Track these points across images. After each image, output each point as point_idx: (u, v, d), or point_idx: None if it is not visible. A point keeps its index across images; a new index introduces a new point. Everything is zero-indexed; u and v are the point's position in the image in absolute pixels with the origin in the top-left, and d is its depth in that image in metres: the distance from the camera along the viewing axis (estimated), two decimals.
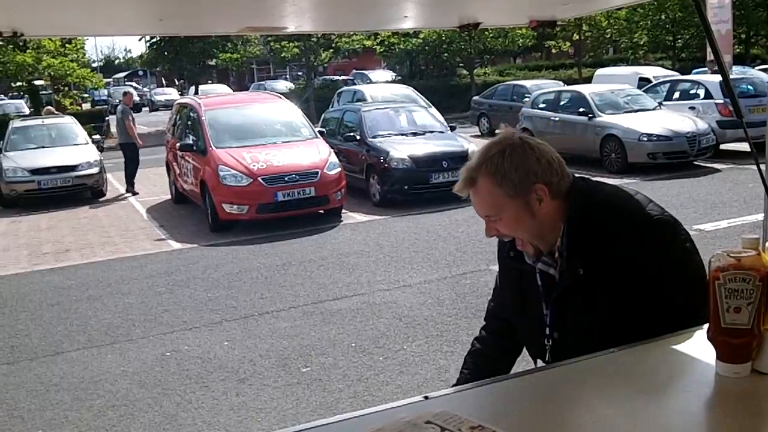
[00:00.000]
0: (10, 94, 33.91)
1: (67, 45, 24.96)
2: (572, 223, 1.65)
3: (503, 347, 1.99)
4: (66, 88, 28.48)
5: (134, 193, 13.68)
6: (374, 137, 11.70)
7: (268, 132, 11.19)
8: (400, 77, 32.53)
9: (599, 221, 1.63)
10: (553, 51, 34.86)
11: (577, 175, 1.73)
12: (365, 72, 36.05)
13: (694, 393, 1.37)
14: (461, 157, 11.21)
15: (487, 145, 1.69)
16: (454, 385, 1.80)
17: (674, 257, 1.63)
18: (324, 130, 12.41)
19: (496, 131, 19.37)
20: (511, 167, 1.61)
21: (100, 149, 15.44)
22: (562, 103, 14.65)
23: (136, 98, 45.96)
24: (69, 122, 15.62)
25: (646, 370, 1.42)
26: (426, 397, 1.38)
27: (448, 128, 12.49)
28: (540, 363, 1.77)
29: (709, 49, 16.66)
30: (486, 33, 27.92)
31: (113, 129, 16.61)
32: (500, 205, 1.64)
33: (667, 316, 1.58)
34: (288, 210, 9.98)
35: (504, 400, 1.42)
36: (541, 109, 15.02)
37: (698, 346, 1.44)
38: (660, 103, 14.06)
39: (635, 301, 1.59)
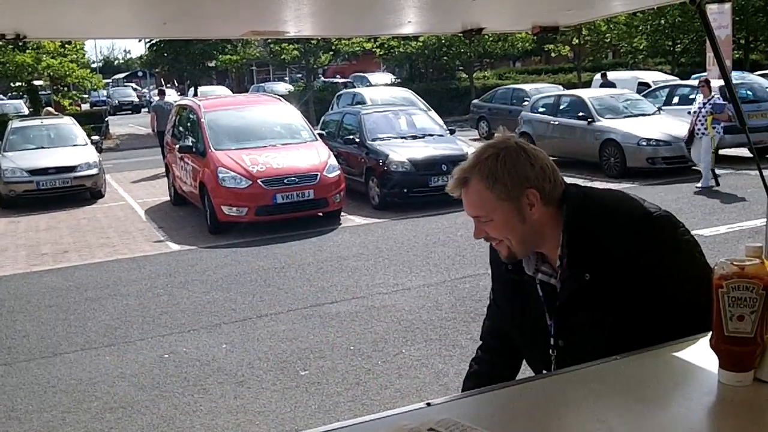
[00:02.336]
0: (10, 94, 33.89)
1: (66, 45, 24.94)
2: (571, 229, 1.64)
3: (503, 365, 1.97)
4: (65, 89, 28.46)
5: None
6: (374, 140, 11.70)
7: (267, 134, 11.19)
8: (399, 80, 32.59)
9: (598, 224, 1.63)
10: (553, 55, 34.90)
11: (570, 181, 1.73)
12: (365, 75, 36.06)
13: (697, 401, 1.37)
14: (460, 160, 11.01)
15: (482, 147, 1.70)
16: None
17: (677, 251, 1.62)
18: (323, 132, 12.43)
19: (495, 134, 19.42)
20: (504, 171, 1.62)
21: (99, 150, 15.44)
22: (561, 107, 14.67)
23: (135, 99, 46.25)
24: (68, 123, 15.62)
25: (649, 378, 1.42)
26: (428, 404, 1.38)
27: (448, 131, 12.51)
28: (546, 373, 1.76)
29: (709, 55, 16.68)
30: (486, 37, 27.92)
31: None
32: (491, 208, 1.65)
33: (673, 313, 1.57)
34: (287, 212, 9.98)
35: (506, 408, 1.42)
36: (541, 113, 15.03)
37: (701, 354, 1.43)
38: (659, 108, 14.09)
39: (642, 300, 1.59)
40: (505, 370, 1.95)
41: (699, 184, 10.91)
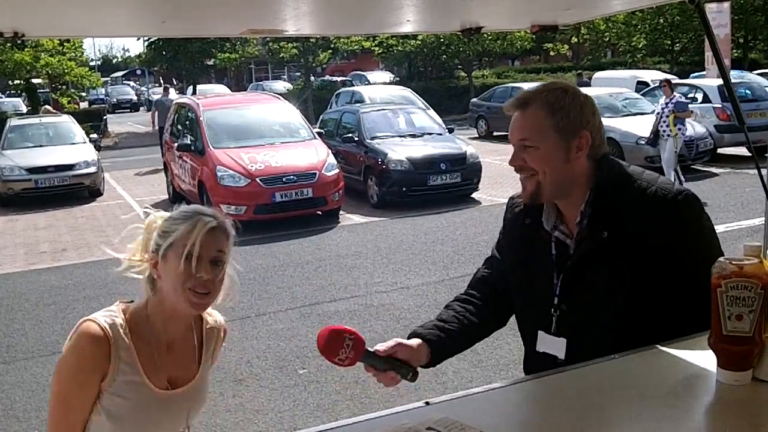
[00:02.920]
0: (8, 92, 33.88)
1: (65, 44, 24.92)
2: (600, 189, 1.64)
3: (491, 314, 1.87)
4: (64, 87, 28.46)
5: None
6: (372, 139, 11.70)
7: (266, 133, 11.18)
8: (398, 79, 32.57)
9: (627, 192, 1.64)
10: (552, 54, 34.93)
11: None
12: (364, 73, 36.02)
13: (696, 400, 1.37)
14: (459, 159, 11.23)
15: (550, 81, 1.73)
16: (413, 335, 1.77)
17: (700, 233, 1.63)
18: (322, 131, 12.42)
19: (495, 133, 19.42)
20: (570, 105, 1.63)
21: (98, 148, 15.42)
22: None
23: (134, 97, 46.21)
24: (66, 121, 15.60)
25: (648, 377, 1.42)
26: (427, 403, 1.38)
27: (447, 130, 12.50)
28: (542, 334, 1.72)
29: (708, 54, 16.69)
30: (485, 35, 27.93)
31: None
32: (543, 135, 1.63)
33: (684, 292, 1.56)
34: (286, 211, 9.97)
35: (505, 407, 1.42)
36: None
37: (700, 353, 1.44)
38: None
39: (654, 273, 1.58)
40: (491, 319, 1.87)
41: None
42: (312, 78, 30.91)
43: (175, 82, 39.97)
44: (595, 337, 1.62)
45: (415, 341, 1.75)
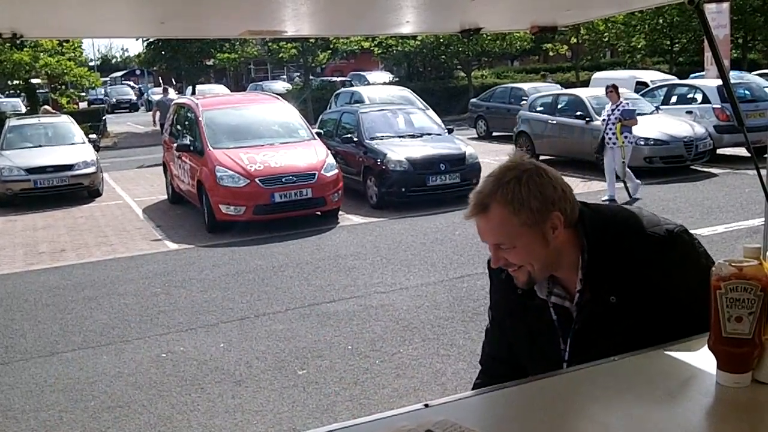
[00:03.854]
0: (7, 92, 33.84)
1: (64, 44, 24.91)
2: (592, 250, 1.60)
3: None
4: (63, 87, 28.42)
5: None
6: (372, 139, 11.70)
7: (265, 133, 11.18)
8: (397, 79, 32.53)
9: (618, 244, 1.59)
10: (551, 54, 34.94)
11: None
12: (363, 73, 36.03)
13: (695, 402, 1.37)
14: (459, 159, 11.23)
15: (499, 170, 1.61)
16: None
17: (699, 268, 1.58)
18: (321, 131, 12.42)
19: (494, 133, 19.43)
20: (529, 195, 1.55)
21: (97, 148, 15.41)
22: (559, 106, 14.66)
23: (133, 98, 46.18)
24: (66, 121, 15.58)
25: (647, 379, 1.42)
26: (426, 405, 1.37)
27: (446, 130, 12.49)
28: None
29: (707, 54, 16.70)
30: (484, 36, 27.92)
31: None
32: (514, 235, 1.57)
33: (693, 328, 1.53)
34: (285, 211, 9.97)
35: (504, 409, 1.42)
36: (539, 112, 15.03)
37: (699, 355, 1.43)
38: (657, 108, 14.09)
39: (665, 321, 1.56)
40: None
41: (605, 197, 10.25)
42: (311, 78, 30.88)
43: (174, 82, 39.94)
44: None
45: None
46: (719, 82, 12.20)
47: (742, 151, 12.69)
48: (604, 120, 10.84)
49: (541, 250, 1.59)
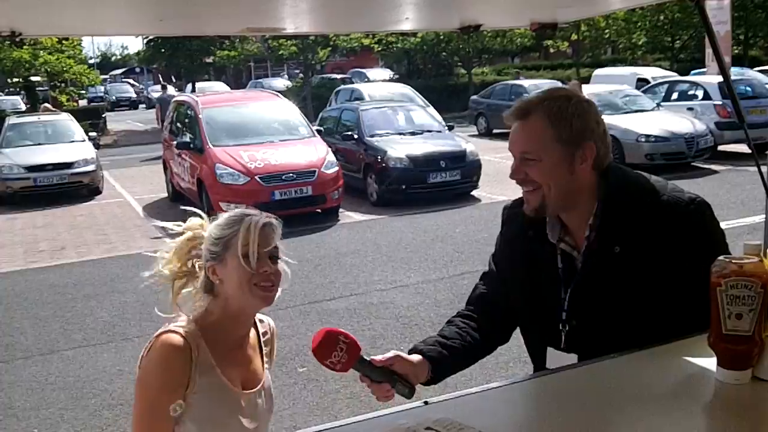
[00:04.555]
0: (7, 90, 33.82)
1: (63, 42, 24.88)
2: (608, 201, 1.60)
3: (494, 330, 1.83)
4: (63, 85, 28.42)
5: None
6: (372, 136, 11.69)
7: (265, 130, 11.17)
8: (398, 76, 32.50)
9: (637, 202, 1.59)
10: (552, 51, 34.88)
11: None
12: (363, 70, 35.97)
13: (695, 399, 1.37)
14: (459, 156, 11.22)
15: (553, 87, 1.68)
16: (413, 350, 1.71)
17: (714, 240, 1.59)
18: (322, 128, 12.40)
19: (495, 131, 19.41)
20: (573, 114, 1.57)
21: (97, 146, 15.41)
22: None
23: (133, 95, 46.18)
24: (65, 119, 15.58)
25: (647, 376, 1.42)
26: (426, 403, 1.37)
27: (446, 128, 12.49)
28: (552, 351, 1.67)
29: (708, 51, 16.68)
30: (484, 33, 27.90)
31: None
32: (546, 147, 1.57)
33: (699, 300, 1.49)
34: (285, 209, 9.91)
35: (504, 407, 1.42)
36: None
37: (699, 352, 1.43)
38: (658, 104, 14.09)
39: (669, 284, 1.54)
40: (491, 338, 1.83)
41: None
42: (311, 75, 30.87)
43: (173, 80, 39.94)
44: (609, 352, 1.56)
45: (415, 357, 1.67)
46: (720, 78, 12.19)
47: (743, 148, 12.67)
48: None
49: (564, 173, 1.58)
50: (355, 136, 11.85)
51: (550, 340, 1.67)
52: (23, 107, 27.07)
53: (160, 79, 35.53)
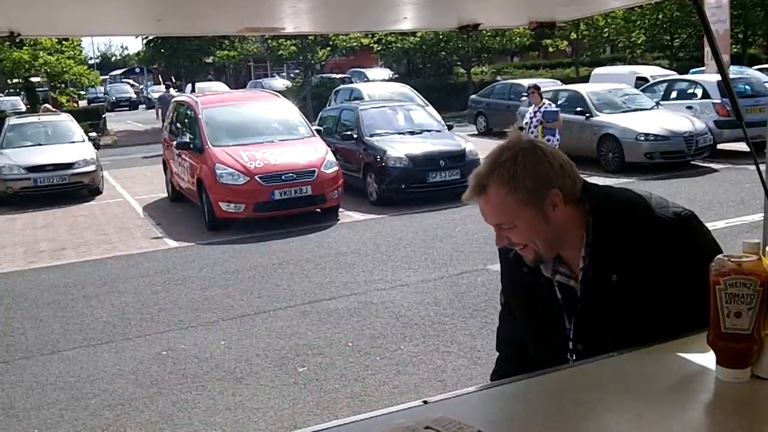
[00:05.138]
0: (7, 90, 33.82)
1: (63, 42, 24.89)
2: (596, 229, 1.60)
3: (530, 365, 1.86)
4: (63, 86, 28.42)
5: None
6: (371, 136, 11.69)
7: (265, 130, 11.18)
8: (397, 75, 32.48)
9: (624, 224, 1.59)
10: (551, 50, 34.89)
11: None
12: (362, 70, 35.96)
13: (694, 398, 1.37)
14: (458, 156, 11.22)
15: (496, 150, 1.62)
16: None
17: (706, 252, 1.56)
18: (321, 128, 12.40)
19: (494, 130, 19.41)
20: (524, 173, 1.56)
21: (97, 147, 15.41)
22: (559, 102, 14.64)
23: (133, 96, 46.17)
24: (65, 119, 15.59)
25: (647, 375, 1.42)
26: (425, 402, 1.37)
27: (446, 127, 12.48)
28: None
29: (707, 49, 16.68)
30: (483, 32, 27.89)
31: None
32: (513, 214, 1.58)
33: (700, 313, 1.50)
34: (285, 209, 9.97)
35: (503, 406, 1.42)
36: None
37: (698, 351, 1.43)
38: (657, 103, 14.08)
39: (668, 302, 1.56)
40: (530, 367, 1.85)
41: None
42: (311, 75, 30.87)
43: (173, 80, 39.94)
44: None
45: None
46: (719, 77, 12.20)
47: (742, 146, 12.68)
48: (525, 123, 10.74)
49: (542, 227, 1.59)
50: (355, 136, 11.85)
51: (559, 363, 1.70)
52: (23, 108, 27.08)
53: (162, 79, 35.56)
